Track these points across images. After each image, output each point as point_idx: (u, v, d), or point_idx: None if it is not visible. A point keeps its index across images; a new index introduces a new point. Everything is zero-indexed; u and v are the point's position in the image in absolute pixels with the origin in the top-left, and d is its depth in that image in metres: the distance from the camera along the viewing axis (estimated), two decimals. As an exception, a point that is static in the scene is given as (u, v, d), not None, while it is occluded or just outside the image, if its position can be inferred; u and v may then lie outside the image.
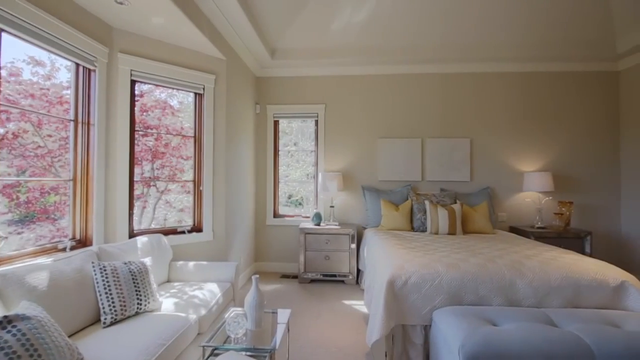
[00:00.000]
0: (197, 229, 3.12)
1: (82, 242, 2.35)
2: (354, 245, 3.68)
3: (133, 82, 2.70)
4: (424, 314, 2.00)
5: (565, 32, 3.64)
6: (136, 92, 2.80)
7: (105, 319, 1.74)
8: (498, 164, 4.08)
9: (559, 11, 3.45)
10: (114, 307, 1.77)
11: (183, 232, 3.00)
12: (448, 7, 3.46)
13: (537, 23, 3.57)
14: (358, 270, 3.76)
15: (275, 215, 4.33)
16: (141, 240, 2.38)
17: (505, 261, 2.19)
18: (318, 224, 3.85)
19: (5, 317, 1.13)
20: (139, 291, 1.90)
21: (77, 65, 2.32)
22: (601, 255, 3.90)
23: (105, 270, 1.83)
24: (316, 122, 4.29)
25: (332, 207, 4.01)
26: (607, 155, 4.01)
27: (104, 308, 1.75)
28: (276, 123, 4.38)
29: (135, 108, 2.78)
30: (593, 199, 4.00)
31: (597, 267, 2.08)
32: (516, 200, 4.05)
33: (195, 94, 3.15)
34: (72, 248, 2.20)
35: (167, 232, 2.90)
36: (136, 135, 2.81)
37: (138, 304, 1.87)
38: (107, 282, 1.80)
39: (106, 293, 1.77)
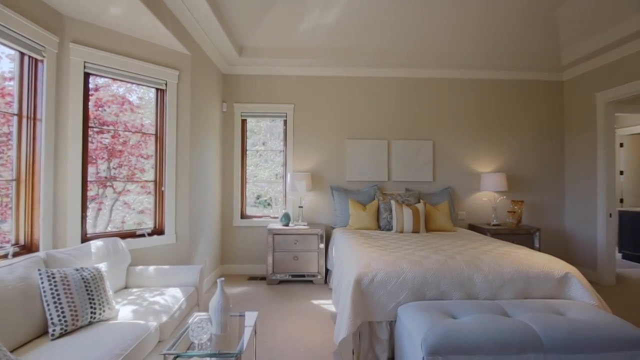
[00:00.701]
0: (158, 231, 2.97)
1: (27, 248, 2.15)
2: (322, 245, 3.71)
3: (87, 75, 2.52)
4: (389, 310, 2.06)
5: (516, 44, 3.93)
6: (91, 86, 2.61)
7: (54, 330, 1.60)
8: (458, 165, 4.31)
9: (512, 25, 3.71)
10: (63, 317, 1.63)
11: (143, 235, 2.85)
12: (412, 16, 3.59)
13: (492, 35, 3.82)
14: (326, 270, 3.79)
15: (243, 216, 4.24)
16: (95, 244, 2.23)
17: (464, 257, 2.31)
18: (287, 225, 3.82)
19: None
20: (93, 299, 1.77)
21: (22, 54, 2.12)
22: (548, 249, 4.25)
23: (53, 277, 1.69)
24: (285, 121, 4.27)
25: (301, 207, 4.01)
26: (553, 157, 4.39)
27: (52, 319, 1.61)
28: (244, 122, 4.29)
29: (90, 103, 2.60)
30: (541, 198, 4.35)
31: (544, 261, 2.27)
32: (474, 200, 4.30)
33: (157, 89, 3.01)
34: (16, 254, 2.01)
35: (126, 235, 2.74)
36: (90, 132, 2.63)
37: (92, 313, 1.75)
38: (56, 290, 1.66)
39: (55, 302, 1.64)
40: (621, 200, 5.65)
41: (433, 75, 4.30)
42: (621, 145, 5.61)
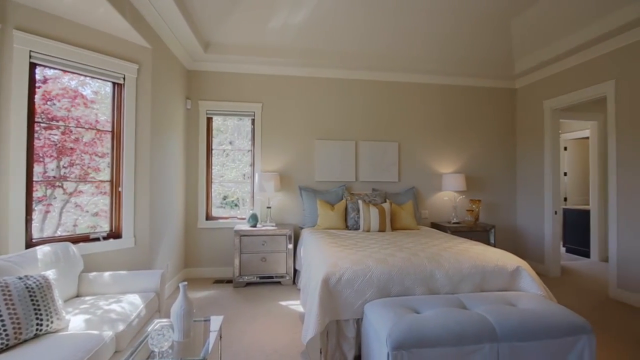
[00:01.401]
0: (115, 234, 2.79)
1: (-41, 256, 1.93)
2: (291, 246, 3.69)
3: (33, 66, 2.31)
4: (356, 308, 2.09)
5: (476, 53, 4.18)
6: (38, 77, 2.40)
7: (-9, 346, 1.45)
8: (422, 166, 4.49)
9: (472, 35, 3.96)
10: (4, 330, 1.48)
11: (98, 239, 2.66)
12: (381, 22, 3.69)
13: (454, 43, 4.04)
14: (295, 271, 3.78)
15: (208, 217, 4.11)
16: (42, 250, 2.04)
17: (427, 254, 2.41)
18: (254, 226, 3.76)
19: None
20: (39, 310, 1.63)
21: (-48, 39, 1.90)
22: (502, 244, 4.58)
23: (-9, 287, 1.53)
24: (253, 120, 4.19)
25: (269, 208, 3.96)
26: (506, 160, 4.71)
27: (-11, 333, 1.46)
28: (209, 120, 4.16)
29: (36, 95, 2.38)
30: (496, 197, 4.65)
31: (498, 256, 2.43)
32: (436, 199, 4.51)
33: (114, 83, 2.83)
34: (-56, 263, 1.79)
35: (78, 239, 2.55)
36: (37, 128, 2.41)
37: (38, 324, 1.60)
38: (-6, 301, 1.50)
39: (-8, 315, 1.48)
40: (565, 199, 6.20)
41: (399, 79, 4.44)
42: (565, 148, 6.15)
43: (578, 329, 1.77)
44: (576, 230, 5.36)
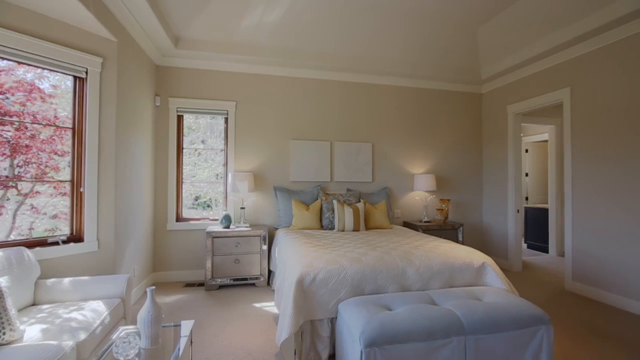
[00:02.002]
0: (76, 238, 2.63)
1: None
2: (265, 247, 3.65)
3: (-19, 56, 2.13)
4: (331, 307, 2.11)
5: (446, 58, 4.35)
6: (-14, 69, 2.21)
7: None
8: (395, 166, 4.60)
9: (443, 42, 4.12)
10: (-55, 345, 1.35)
11: (57, 243, 2.49)
12: (356, 24, 3.74)
13: (426, 49, 4.18)
14: (269, 272, 3.74)
15: (179, 219, 3.97)
16: (-8, 255, 1.88)
17: (399, 252, 2.47)
18: (227, 227, 3.68)
19: None
20: (-12, 321, 1.50)
21: None
22: (470, 242, 4.79)
23: None
24: (226, 119, 4.10)
25: (242, 208, 3.89)
26: (473, 161, 4.93)
27: None
28: (180, 118, 4.03)
29: (-15, 88, 2.19)
30: (464, 197, 4.86)
31: (466, 253, 2.53)
32: (408, 199, 4.63)
33: (76, 77, 2.66)
34: None
35: (34, 244, 2.37)
36: (-14, 123, 2.22)
37: (-14, 337, 1.47)
38: None
39: None
40: (526, 198, 6.59)
41: (373, 82, 4.52)
42: (526, 151, 6.54)
43: (537, 320, 1.88)
44: (536, 227, 5.72)
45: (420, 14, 3.72)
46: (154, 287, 1.61)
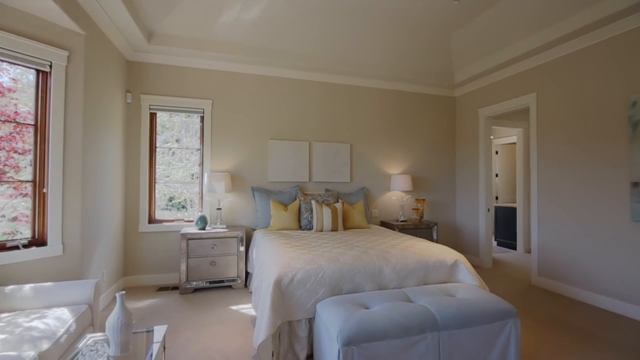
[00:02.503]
0: (38, 242, 2.47)
1: None
2: (242, 248, 3.59)
3: None
4: (309, 307, 2.11)
5: (422, 63, 4.48)
6: None
7: None
8: (372, 167, 4.67)
9: (419, 47, 4.23)
10: None
11: (17, 247, 2.33)
12: (335, 26, 3.76)
13: (404, 53, 4.28)
14: (247, 274, 3.69)
15: (151, 220, 3.83)
16: (-59, 262, 1.74)
17: (376, 251, 2.51)
18: (203, 228, 3.59)
19: None
20: (-64, 333, 1.38)
21: None
22: (443, 240, 4.94)
23: None
24: (202, 118, 4.01)
25: (219, 209, 3.81)
26: (447, 162, 5.10)
27: None
28: (153, 116, 3.89)
29: None
30: (438, 196, 5.01)
31: (439, 251, 2.61)
32: (385, 199, 4.72)
33: (39, 71, 2.51)
34: None
35: (-10, 248, 2.21)
36: None
37: None
38: None
39: None
40: (496, 198, 6.89)
41: (352, 83, 4.57)
42: (496, 152, 6.84)
43: (506, 314, 1.98)
44: (505, 225, 5.99)
45: (399, 20, 3.81)
46: (123, 292, 1.54)
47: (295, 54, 4.02)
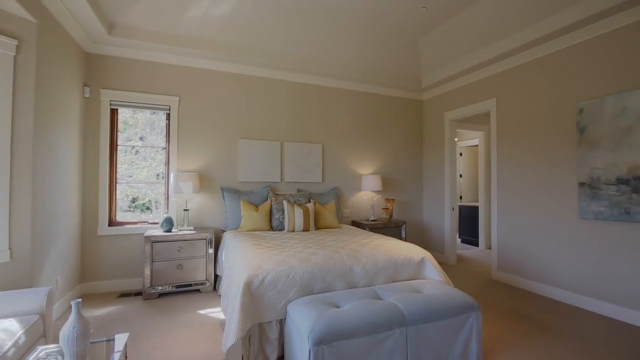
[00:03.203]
0: (-19, 247, 2.25)
1: None
2: (211, 250, 3.49)
3: None
4: (280, 308, 2.09)
5: (392, 66, 4.59)
6: None
7: None
8: (344, 167, 4.73)
9: (389, 51, 4.33)
10: None
11: (-46, 254, 2.11)
12: (307, 25, 3.76)
13: (375, 56, 4.38)
14: (216, 276, 3.59)
15: (112, 223, 3.62)
16: None
17: (347, 251, 2.54)
18: (169, 230, 3.45)
19: None
20: None
21: None
22: (412, 238, 5.11)
23: None
24: (168, 115, 3.84)
25: (186, 210, 3.68)
26: (415, 163, 5.28)
27: None
28: (114, 112, 3.67)
29: None
30: (407, 196, 5.17)
31: (408, 248, 2.70)
32: (356, 198, 4.79)
33: (-20, 61, 2.28)
34: None
35: None
36: None
37: None
38: None
39: None
40: (460, 197, 7.23)
41: (324, 84, 4.59)
42: (460, 154, 7.18)
43: (468, 308, 2.08)
44: (469, 223, 6.30)
45: (369, 24, 3.88)
46: (80, 300, 1.44)
47: (265, 51, 3.97)
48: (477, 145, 6.61)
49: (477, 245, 6.06)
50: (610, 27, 2.91)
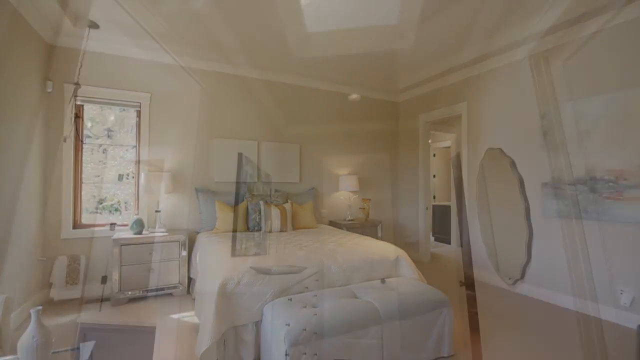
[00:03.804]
0: None
1: None
2: (185, 253, 3.38)
3: None
4: (256, 310, 2.07)
5: (371, 69, 4.64)
6: None
7: None
8: (321, 167, 4.75)
9: (366, 52, 4.36)
10: None
11: None
12: (285, 23, 3.73)
13: (352, 57, 4.39)
14: (190, 279, 3.49)
15: (77, 225, 3.42)
16: None
17: (324, 250, 2.56)
18: (139, 232, 3.31)
19: None
20: None
21: None
22: (387, 237, 5.19)
23: None
24: (138, 112, 3.69)
25: (158, 211, 3.54)
26: (391, 163, 5.40)
27: None
28: (80, 108, 3.48)
29: None
30: (382, 196, 5.27)
31: (383, 247, 2.75)
32: (334, 199, 4.83)
33: None
34: None
35: None
36: None
37: None
38: None
39: None
40: (434, 197, 7.46)
41: (302, 84, 4.59)
42: (434, 155, 7.41)
43: (440, 304, 2.15)
44: (442, 222, 6.51)
45: (346, 25, 3.89)
46: (40, 307, 1.36)
47: (244, 50, 3.90)
48: (449, 147, 6.85)
49: (449, 243, 6.27)
50: (564, 39, 3.12)
